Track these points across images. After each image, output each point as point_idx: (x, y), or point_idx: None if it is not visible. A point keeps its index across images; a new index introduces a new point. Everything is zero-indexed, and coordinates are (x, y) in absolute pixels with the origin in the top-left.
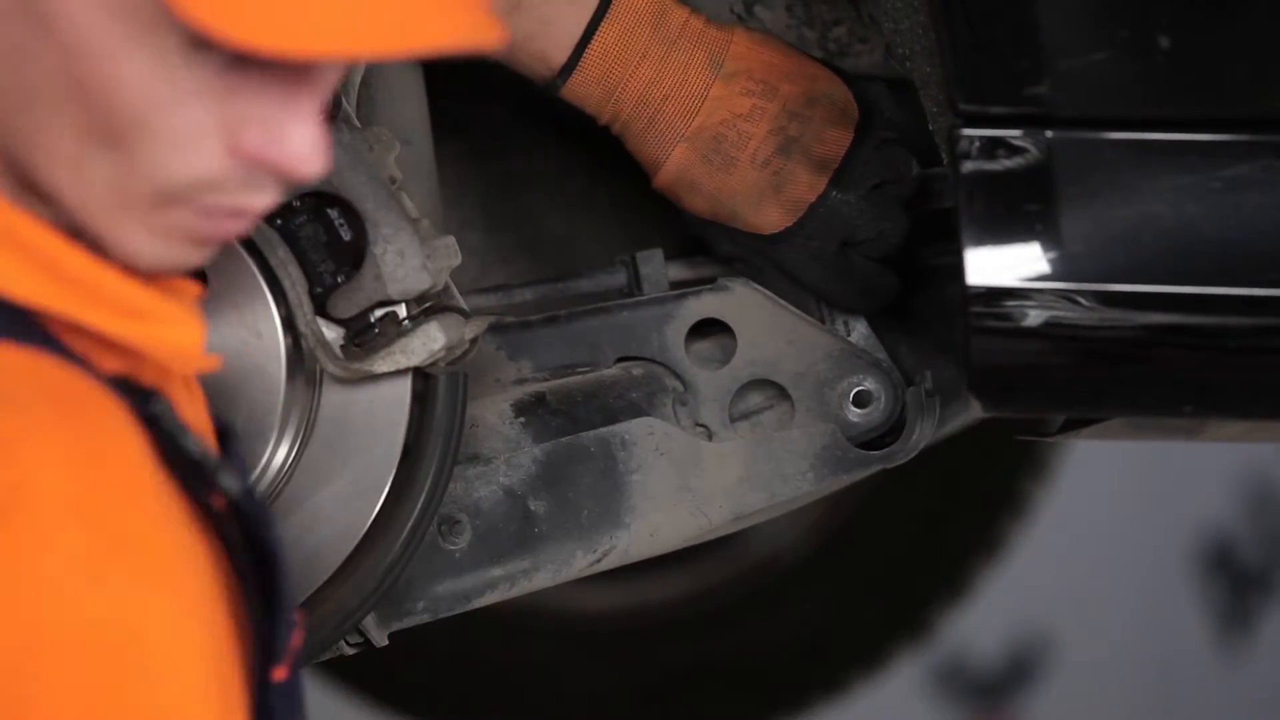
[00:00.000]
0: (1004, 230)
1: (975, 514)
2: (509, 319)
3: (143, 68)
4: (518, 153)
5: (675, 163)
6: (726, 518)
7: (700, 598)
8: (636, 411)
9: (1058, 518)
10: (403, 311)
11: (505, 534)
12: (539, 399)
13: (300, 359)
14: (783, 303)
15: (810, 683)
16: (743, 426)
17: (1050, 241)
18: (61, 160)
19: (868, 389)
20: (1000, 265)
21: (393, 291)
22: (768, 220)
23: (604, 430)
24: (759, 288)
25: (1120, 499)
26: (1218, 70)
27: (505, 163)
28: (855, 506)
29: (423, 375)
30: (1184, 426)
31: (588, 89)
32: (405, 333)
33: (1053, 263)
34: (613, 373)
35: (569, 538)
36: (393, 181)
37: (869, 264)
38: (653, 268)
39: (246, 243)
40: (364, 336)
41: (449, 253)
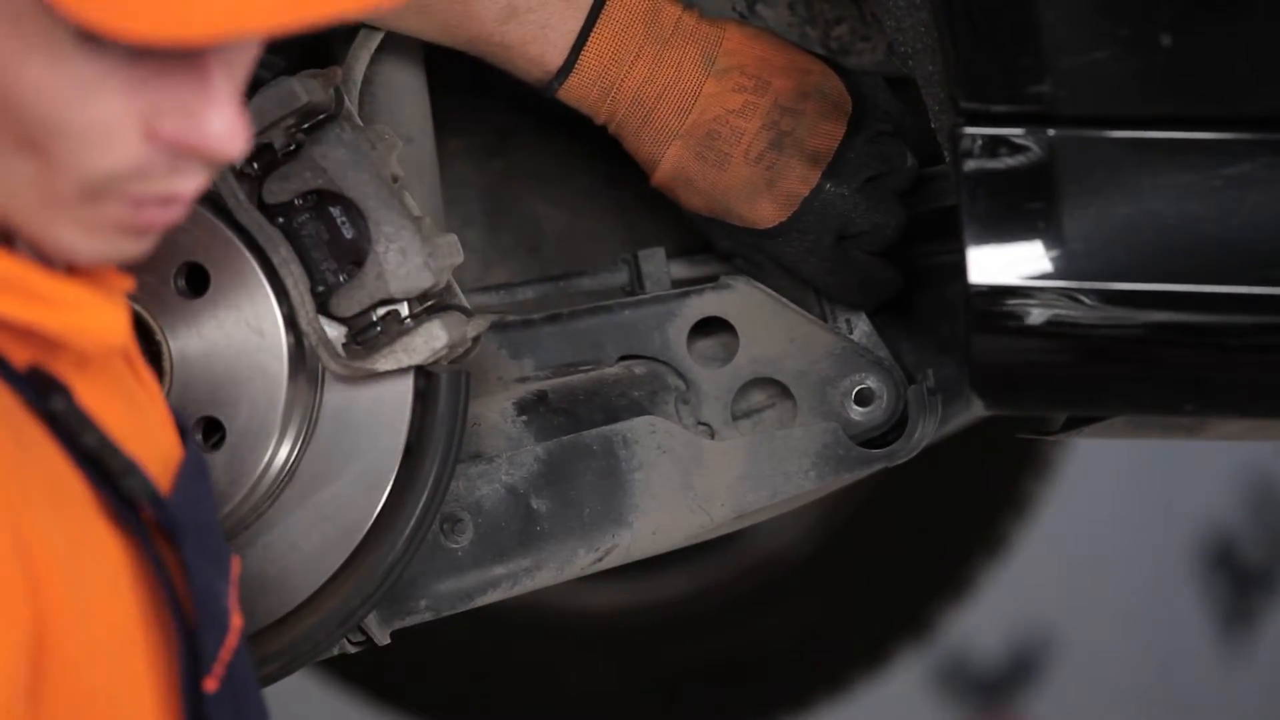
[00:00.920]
0: (1006, 228)
1: (977, 512)
2: (511, 317)
3: (42, 70)
4: (520, 151)
5: (671, 160)
6: (728, 516)
7: (702, 596)
8: (638, 410)
9: (1059, 516)
10: (405, 310)
11: (507, 532)
12: (541, 397)
13: (302, 357)
14: (785, 301)
15: (812, 681)
16: (745, 425)
17: (1052, 240)
18: None
19: (870, 387)
20: (1002, 263)
21: (395, 290)
22: (762, 215)
23: (606, 429)
24: (761, 286)
25: (1122, 497)
26: (1219, 68)
27: (507, 161)
28: (857, 505)
29: (425, 373)
30: (1185, 425)
31: (585, 90)
32: (407, 331)
33: (1054, 261)
34: (615, 371)
35: (571, 536)
36: (395, 180)
37: (867, 257)
38: (655, 266)
39: (249, 241)
40: (366, 335)
41: (451, 251)
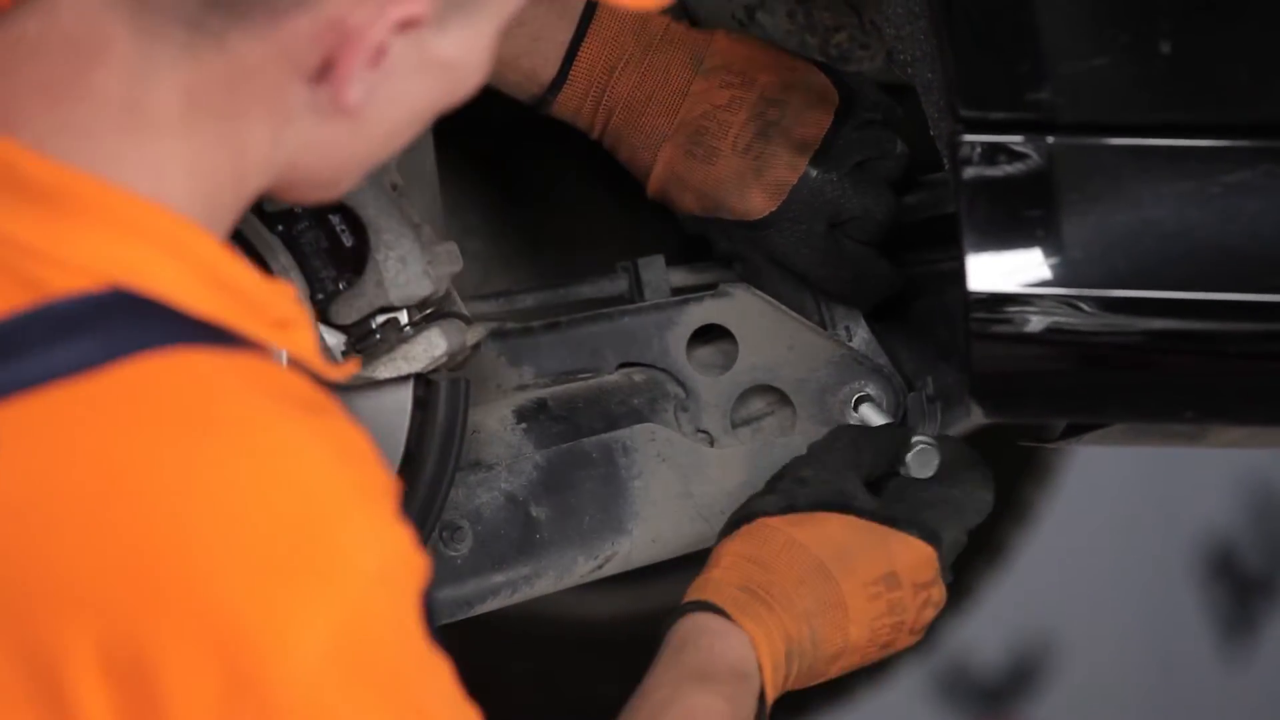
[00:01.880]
0: (1005, 236)
1: None
2: (510, 325)
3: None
4: (519, 159)
5: (663, 163)
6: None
7: None
8: (638, 417)
9: (1060, 523)
10: (404, 318)
11: (507, 540)
12: (541, 405)
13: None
14: (784, 308)
15: (812, 688)
16: (744, 432)
17: (1051, 247)
18: None
19: (869, 395)
20: (1002, 270)
21: (394, 298)
22: (753, 205)
23: (606, 436)
24: (760, 293)
25: (1122, 504)
26: (1218, 75)
27: (507, 169)
28: None
29: (424, 381)
30: (1186, 432)
31: (577, 102)
32: (407, 339)
33: (1054, 268)
34: (614, 379)
35: (571, 544)
36: (394, 188)
37: (860, 248)
38: (654, 273)
39: (248, 248)
40: (366, 342)
41: (451, 259)
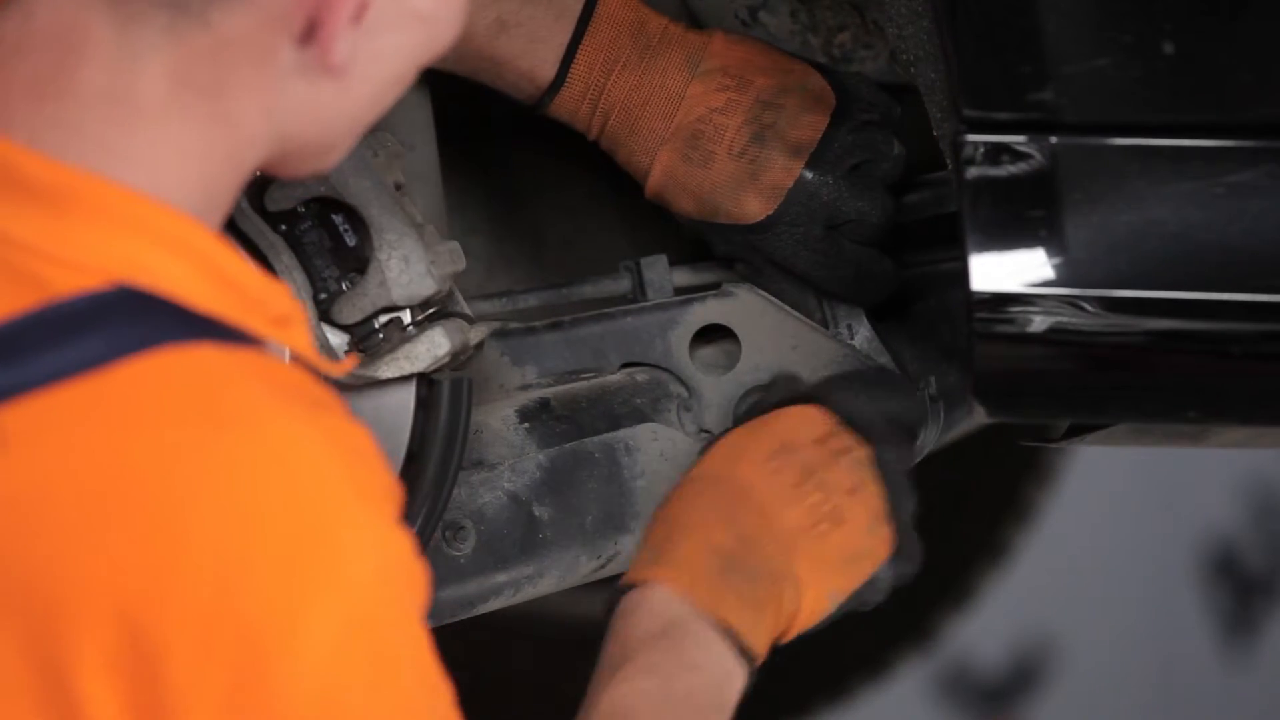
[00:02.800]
0: (1008, 236)
1: (979, 519)
2: (513, 325)
3: None
4: (522, 158)
5: (660, 166)
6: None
7: None
8: (641, 417)
9: (1062, 523)
10: (407, 317)
11: (510, 540)
12: (543, 405)
13: (305, 364)
14: (787, 308)
15: (813, 689)
16: None
17: (1054, 247)
18: None
19: None
20: (1004, 271)
21: (397, 297)
22: (749, 209)
23: (608, 436)
24: (763, 293)
25: (1124, 504)
26: (1221, 75)
27: (510, 168)
28: None
29: (427, 381)
30: (1188, 432)
31: (575, 103)
32: (410, 338)
33: (1057, 268)
34: (617, 378)
35: (574, 543)
36: (397, 187)
37: (859, 249)
38: (657, 273)
39: (251, 247)
40: (368, 342)
41: (453, 258)
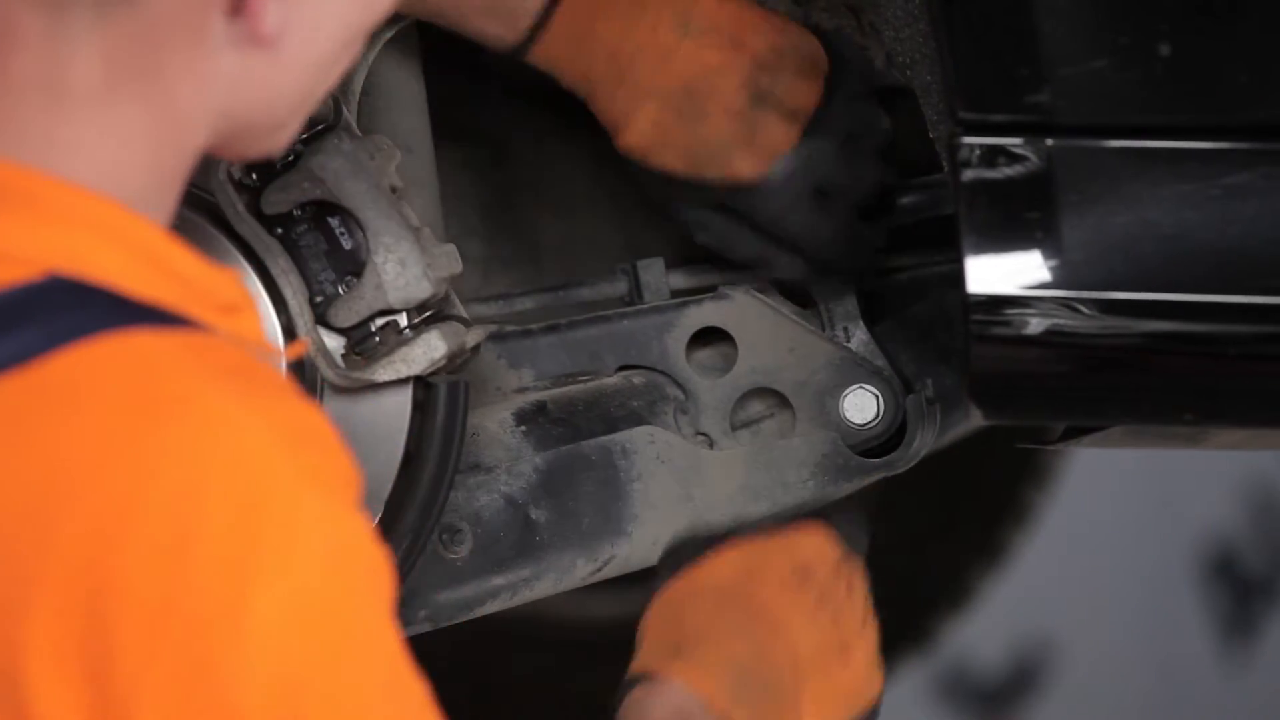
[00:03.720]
0: (1005, 238)
1: (977, 522)
2: (510, 327)
3: None
4: (519, 161)
5: (647, 118)
6: (728, 526)
7: None
8: (637, 420)
9: (1059, 525)
10: (404, 320)
11: (507, 542)
12: (540, 407)
13: (300, 368)
14: (784, 311)
15: None
16: (743, 435)
17: (1051, 249)
18: None
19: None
20: (1001, 273)
21: (394, 300)
22: (743, 170)
23: (605, 439)
24: (760, 296)
25: (1122, 506)
26: (1218, 77)
27: (506, 171)
28: None
29: (424, 384)
30: (1185, 434)
31: (557, 49)
32: (406, 341)
33: (1053, 270)
34: (614, 381)
35: (570, 546)
36: (393, 190)
37: (847, 214)
38: (654, 276)
39: (246, 251)
40: (365, 345)
41: (450, 261)
